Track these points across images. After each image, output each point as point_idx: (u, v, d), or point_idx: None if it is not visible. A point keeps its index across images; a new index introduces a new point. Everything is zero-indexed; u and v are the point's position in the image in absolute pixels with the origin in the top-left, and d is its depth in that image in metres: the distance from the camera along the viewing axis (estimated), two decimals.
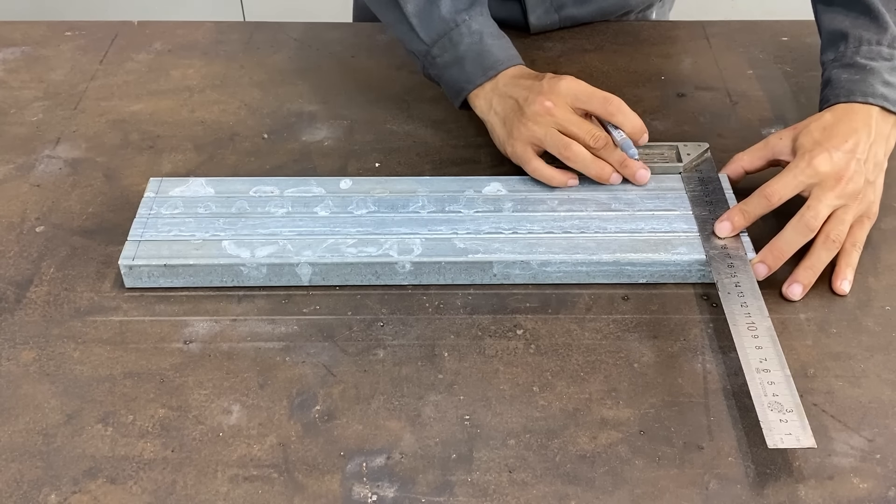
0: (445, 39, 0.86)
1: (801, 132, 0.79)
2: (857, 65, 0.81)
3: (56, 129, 0.93)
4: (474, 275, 0.76)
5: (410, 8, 0.86)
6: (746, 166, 0.82)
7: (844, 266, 0.76)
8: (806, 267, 0.75)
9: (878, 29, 0.82)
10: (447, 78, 0.87)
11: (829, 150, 0.76)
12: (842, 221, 0.75)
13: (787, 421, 0.62)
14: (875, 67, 0.80)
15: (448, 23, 0.85)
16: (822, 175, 0.75)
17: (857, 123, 0.78)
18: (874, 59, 0.81)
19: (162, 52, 1.04)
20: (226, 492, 0.62)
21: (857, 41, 0.82)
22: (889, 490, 0.62)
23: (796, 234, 0.74)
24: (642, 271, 0.76)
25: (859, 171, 0.76)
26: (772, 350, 0.67)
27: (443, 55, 0.86)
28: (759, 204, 0.76)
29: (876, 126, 0.78)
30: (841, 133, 0.77)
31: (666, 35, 1.07)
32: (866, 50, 0.82)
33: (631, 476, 0.63)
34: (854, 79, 0.80)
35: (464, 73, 0.85)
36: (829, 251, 0.75)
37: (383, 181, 0.82)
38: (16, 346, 0.71)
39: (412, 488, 0.62)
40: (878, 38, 0.82)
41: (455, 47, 0.85)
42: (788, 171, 0.76)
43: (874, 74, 0.80)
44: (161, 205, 0.79)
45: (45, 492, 0.62)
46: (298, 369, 0.70)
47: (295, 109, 0.96)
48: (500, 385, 0.69)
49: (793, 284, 0.74)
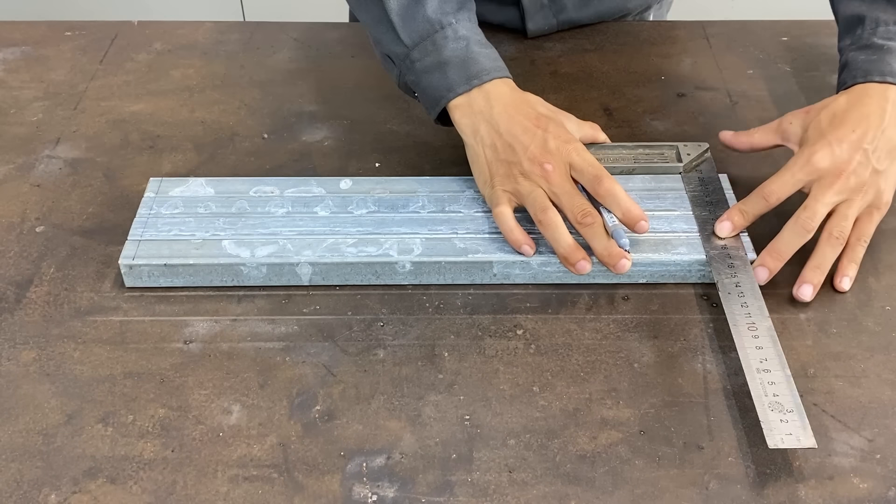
0: (428, 42, 0.79)
1: (811, 121, 0.78)
2: (875, 45, 0.81)
3: (56, 129, 0.93)
4: (474, 275, 0.76)
5: (393, 5, 0.80)
6: (756, 143, 0.83)
7: (847, 262, 0.75)
8: (813, 266, 0.74)
9: (894, 10, 0.82)
10: (425, 84, 0.80)
11: (832, 144, 0.75)
12: (844, 217, 0.75)
13: (787, 421, 0.62)
14: (892, 47, 0.80)
15: (433, 24, 0.79)
16: (821, 171, 0.75)
17: (871, 107, 0.77)
18: (891, 38, 0.80)
19: (162, 52, 1.04)
20: (226, 492, 0.62)
21: (874, 23, 0.82)
22: (889, 490, 0.62)
23: (794, 236, 0.74)
24: (642, 271, 0.76)
25: (863, 163, 0.75)
26: (772, 350, 0.67)
27: (423, 59, 0.80)
28: (758, 204, 0.76)
29: (892, 107, 0.77)
30: (850, 121, 0.76)
31: (666, 35, 1.07)
32: (883, 30, 0.81)
33: (631, 476, 0.63)
34: (871, 59, 0.80)
35: (445, 79, 0.79)
36: (835, 248, 0.75)
37: (383, 181, 0.82)
38: (16, 346, 0.71)
39: (412, 488, 0.62)
40: (895, 19, 0.81)
41: (438, 51, 0.79)
42: (787, 170, 0.76)
43: (892, 53, 0.79)
44: (161, 204, 0.79)
45: (45, 492, 0.62)
46: (298, 369, 0.70)
47: (295, 109, 0.96)
48: (500, 385, 0.69)
49: (802, 285, 0.74)
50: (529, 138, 0.76)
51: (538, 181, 0.75)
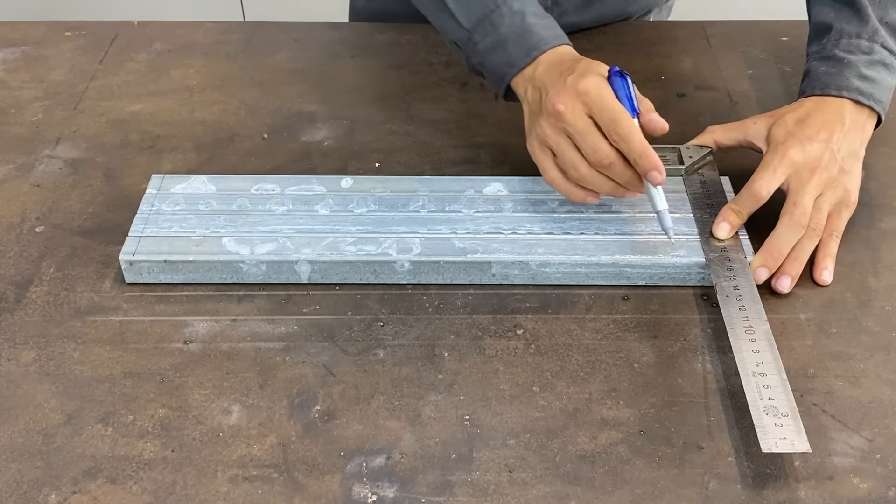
0: (486, 22, 0.81)
1: (776, 122, 0.80)
2: (835, 57, 0.82)
3: (56, 129, 0.93)
4: (473, 274, 0.76)
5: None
6: (718, 140, 0.83)
7: (823, 256, 0.77)
8: (792, 258, 0.75)
9: (859, 22, 0.82)
10: (489, 64, 0.82)
11: (803, 142, 0.77)
12: (819, 210, 0.76)
13: (782, 425, 0.62)
14: (852, 61, 0.81)
15: (488, 4, 0.80)
16: (797, 166, 0.76)
17: (830, 115, 0.79)
18: (852, 52, 0.81)
19: (162, 52, 1.04)
20: (226, 492, 0.62)
21: (839, 34, 0.83)
22: (889, 490, 0.62)
23: (790, 233, 0.75)
24: (641, 273, 0.76)
25: (833, 160, 0.77)
26: (769, 354, 0.67)
27: (484, 40, 0.81)
28: (750, 201, 0.77)
29: (850, 118, 0.79)
30: (814, 124, 0.78)
31: (666, 35, 1.07)
32: (846, 43, 0.82)
33: (631, 476, 0.63)
34: (830, 72, 0.81)
35: (506, 55, 0.80)
36: (812, 240, 0.76)
37: (384, 180, 0.82)
38: (16, 346, 0.71)
39: (412, 488, 0.62)
40: (858, 31, 0.82)
41: (496, 30, 0.80)
42: (767, 166, 0.77)
43: (850, 68, 0.81)
44: (162, 201, 0.79)
45: (45, 492, 0.62)
46: (298, 369, 0.70)
47: (295, 109, 0.96)
48: (500, 385, 0.69)
49: (782, 277, 0.75)
50: (552, 84, 0.76)
51: (556, 126, 0.75)
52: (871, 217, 0.82)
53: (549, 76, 0.77)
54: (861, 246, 0.80)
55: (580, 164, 0.74)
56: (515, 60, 0.80)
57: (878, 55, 0.81)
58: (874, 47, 0.81)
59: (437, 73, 1.01)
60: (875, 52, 0.81)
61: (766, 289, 0.75)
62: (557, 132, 0.75)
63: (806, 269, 0.76)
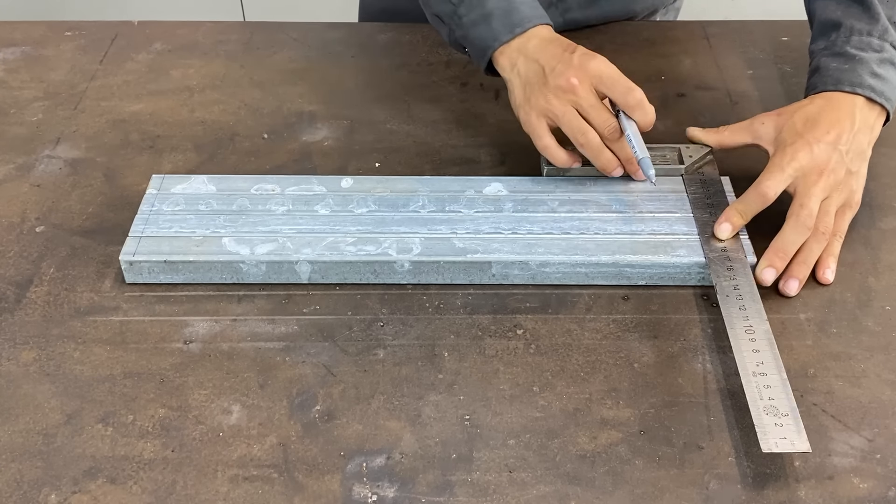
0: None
1: (785, 123, 0.79)
2: (847, 54, 0.82)
3: (56, 129, 0.93)
4: (473, 274, 0.76)
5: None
6: (726, 142, 0.83)
7: (827, 256, 0.76)
8: (800, 262, 0.75)
9: (869, 19, 0.82)
10: (473, 37, 0.84)
11: (811, 143, 0.76)
12: (827, 213, 0.76)
13: (782, 425, 0.62)
14: (865, 58, 0.81)
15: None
16: (804, 169, 0.76)
17: (841, 113, 0.78)
18: (864, 49, 0.81)
19: (162, 52, 1.04)
20: (226, 492, 0.62)
21: (849, 31, 0.83)
22: (889, 490, 0.62)
23: (797, 234, 0.75)
24: (641, 273, 0.76)
25: (840, 162, 0.77)
26: (769, 354, 0.67)
27: (469, 13, 0.84)
28: (756, 201, 0.76)
29: (860, 115, 0.79)
30: (824, 124, 0.78)
31: (666, 35, 1.07)
32: (857, 40, 0.82)
33: (631, 476, 0.63)
34: (843, 68, 0.81)
35: (490, 30, 0.83)
36: (820, 243, 0.76)
37: (385, 180, 0.82)
38: (16, 346, 0.71)
39: (412, 488, 0.62)
40: (868, 29, 0.82)
41: (483, 4, 0.83)
42: (775, 167, 0.77)
43: (863, 65, 0.80)
44: (163, 201, 0.80)
45: (45, 492, 0.62)
46: (298, 369, 0.70)
47: (295, 109, 0.96)
48: (500, 385, 0.69)
49: (789, 280, 0.75)
50: (556, 59, 0.80)
51: (567, 98, 0.79)
52: (871, 217, 0.82)
53: (547, 51, 0.81)
54: (861, 246, 0.80)
55: (588, 129, 0.79)
56: (499, 35, 0.83)
57: (888, 54, 0.81)
58: (885, 45, 0.81)
59: (437, 73, 1.01)
60: (885, 50, 0.81)
61: (766, 289, 0.74)
62: (565, 104, 0.79)
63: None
